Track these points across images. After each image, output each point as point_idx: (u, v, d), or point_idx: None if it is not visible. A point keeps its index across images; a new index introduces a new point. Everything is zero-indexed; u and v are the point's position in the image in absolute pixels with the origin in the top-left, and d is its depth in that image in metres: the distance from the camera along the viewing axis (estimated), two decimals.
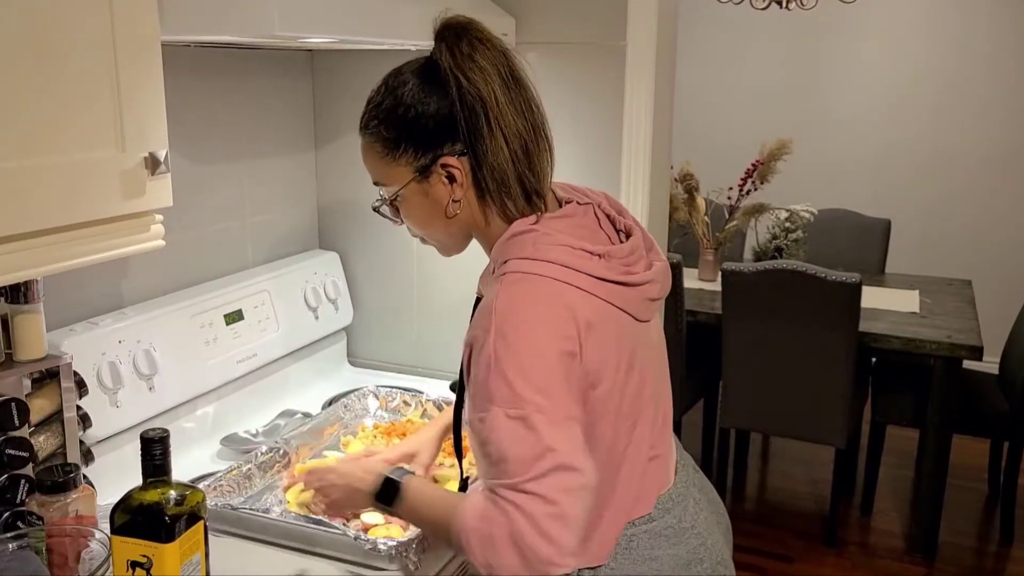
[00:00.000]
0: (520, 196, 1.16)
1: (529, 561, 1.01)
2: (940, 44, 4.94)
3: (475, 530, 1.04)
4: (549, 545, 1.01)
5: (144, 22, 1.06)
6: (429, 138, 1.15)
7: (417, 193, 1.19)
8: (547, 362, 1.06)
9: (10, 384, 1.20)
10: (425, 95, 1.15)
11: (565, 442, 1.05)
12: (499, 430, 1.04)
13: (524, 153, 1.15)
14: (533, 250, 1.13)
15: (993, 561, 3.34)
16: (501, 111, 1.13)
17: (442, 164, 1.16)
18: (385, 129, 1.18)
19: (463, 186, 1.17)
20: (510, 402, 1.04)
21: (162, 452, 1.05)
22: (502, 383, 1.04)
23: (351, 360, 2.23)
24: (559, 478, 1.03)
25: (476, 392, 1.08)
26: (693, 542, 1.22)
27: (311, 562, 1.31)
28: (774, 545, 3.37)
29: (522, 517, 1.01)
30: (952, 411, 3.17)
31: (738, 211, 3.78)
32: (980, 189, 4.98)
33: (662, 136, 1.95)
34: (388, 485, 1.20)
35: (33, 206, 0.96)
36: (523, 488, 1.02)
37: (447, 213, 1.19)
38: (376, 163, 1.21)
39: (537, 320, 1.08)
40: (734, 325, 3.22)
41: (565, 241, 1.14)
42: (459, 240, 1.25)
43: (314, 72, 2.11)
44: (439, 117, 1.14)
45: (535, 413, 1.04)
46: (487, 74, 1.13)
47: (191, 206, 1.79)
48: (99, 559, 1.08)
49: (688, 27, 5.16)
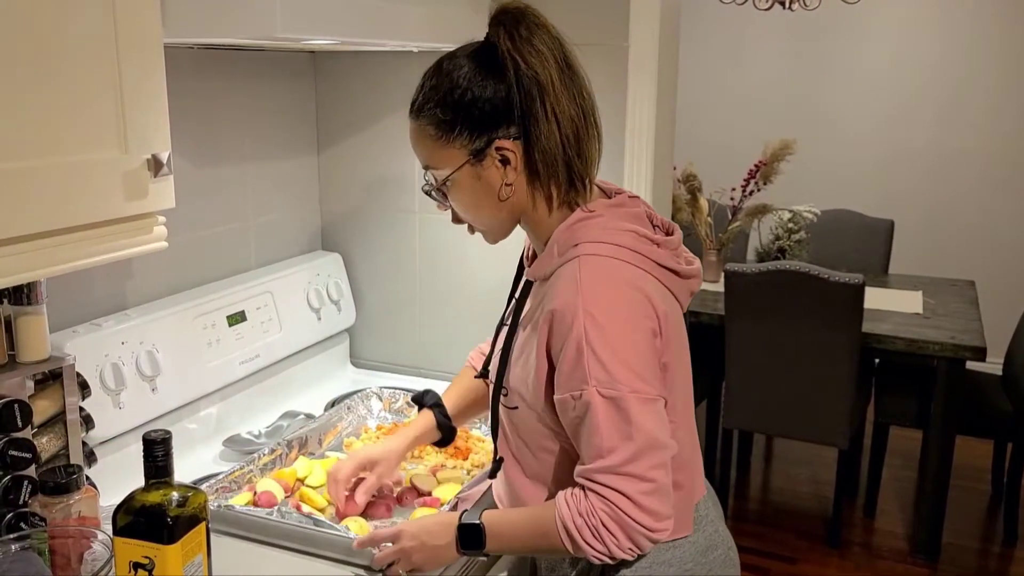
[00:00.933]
0: (565, 181, 1.18)
1: (634, 536, 1.09)
2: (944, 45, 4.94)
3: (581, 526, 1.10)
4: (650, 517, 1.09)
5: (147, 24, 1.07)
6: (484, 121, 1.16)
7: (469, 176, 1.19)
8: (637, 342, 1.11)
9: (13, 385, 1.20)
10: (481, 78, 1.16)
11: (655, 421, 1.11)
12: (594, 409, 1.09)
13: (575, 138, 1.17)
14: (603, 234, 1.16)
15: (997, 562, 3.34)
16: (557, 95, 1.14)
17: (497, 147, 1.17)
18: (441, 111, 1.18)
19: (516, 169, 1.18)
20: (604, 383, 1.09)
21: (164, 453, 1.05)
22: (596, 363, 1.09)
23: (354, 361, 2.24)
24: (651, 456, 1.09)
25: (568, 371, 1.11)
26: (708, 529, 1.27)
27: (313, 563, 1.31)
28: (777, 546, 3.37)
29: (623, 498, 1.08)
30: (955, 412, 3.16)
31: (741, 212, 3.77)
32: (983, 190, 4.97)
33: (665, 137, 1.95)
34: (469, 532, 1.21)
35: (36, 207, 0.96)
36: (620, 470, 1.09)
37: (500, 196, 1.19)
38: (428, 146, 1.21)
39: (623, 300, 1.12)
40: (737, 326, 3.21)
41: (631, 227, 1.18)
42: (507, 225, 1.25)
43: (316, 73, 2.11)
44: (495, 100, 1.15)
45: (629, 394, 1.09)
46: (544, 58, 1.14)
47: (194, 208, 1.79)
48: (101, 560, 1.08)
49: (691, 28, 5.16)
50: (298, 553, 1.33)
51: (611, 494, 1.09)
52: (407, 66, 2.01)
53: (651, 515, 1.09)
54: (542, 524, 1.15)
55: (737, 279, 3.15)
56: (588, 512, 1.10)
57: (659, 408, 1.12)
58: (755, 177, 3.78)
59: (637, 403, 1.09)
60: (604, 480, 1.09)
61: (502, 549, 1.24)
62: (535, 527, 1.17)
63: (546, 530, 1.14)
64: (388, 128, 2.07)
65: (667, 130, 1.97)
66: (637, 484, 1.09)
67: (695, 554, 1.23)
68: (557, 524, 1.12)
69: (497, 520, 1.21)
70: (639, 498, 1.08)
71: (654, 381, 1.12)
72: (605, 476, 1.09)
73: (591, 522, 1.10)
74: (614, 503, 1.09)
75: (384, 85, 2.05)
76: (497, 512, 1.24)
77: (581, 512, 1.10)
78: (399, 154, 2.07)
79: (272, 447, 1.59)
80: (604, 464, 1.09)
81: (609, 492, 1.09)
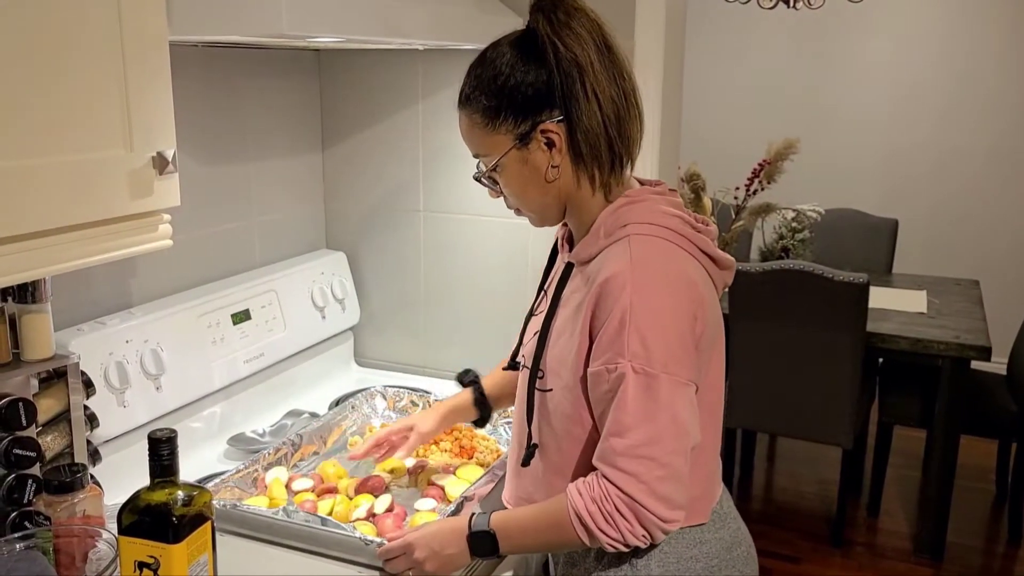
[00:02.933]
0: (608, 162, 1.20)
1: (646, 524, 1.10)
2: (948, 43, 4.93)
3: (595, 513, 1.11)
4: (663, 505, 1.10)
5: (152, 22, 1.06)
6: (528, 105, 1.18)
7: (516, 161, 1.21)
8: (679, 324, 1.12)
9: (17, 384, 1.20)
10: (523, 64, 1.18)
11: (683, 406, 1.12)
12: (625, 384, 1.10)
13: (616, 118, 1.18)
14: (651, 216, 1.18)
15: (1001, 562, 3.33)
16: (596, 76, 1.16)
17: (541, 130, 1.18)
18: (486, 98, 1.20)
19: (561, 152, 1.19)
20: (641, 358, 1.09)
21: (169, 452, 1.04)
22: (636, 338, 1.09)
23: (358, 360, 2.23)
24: (673, 441, 1.10)
25: (607, 342, 1.12)
26: (732, 526, 1.30)
27: (318, 562, 1.31)
28: (781, 546, 3.36)
29: (638, 484, 1.09)
30: (960, 412, 3.16)
31: (745, 211, 3.76)
32: (988, 189, 4.96)
33: (670, 136, 1.95)
34: (481, 539, 1.22)
35: (41, 205, 0.95)
36: (639, 452, 1.09)
37: (547, 178, 1.21)
38: (476, 134, 1.23)
39: (671, 280, 1.14)
40: (741, 325, 3.21)
41: (676, 213, 1.20)
42: (555, 210, 1.26)
43: (321, 72, 2.11)
44: (537, 84, 1.17)
45: (662, 373, 1.10)
46: (583, 40, 1.16)
47: (199, 206, 1.79)
48: (106, 559, 1.07)
49: (695, 26, 5.15)
50: (304, 552, 1.33)
51: (626, 479, 1.09)
52: (412, 64, 2.01)
53: (664, 502, 1.10)
54: (554, 517, 1.16)
55: (741, 278, 3.14)
56: (601, 498, 1.11)
57: (690, 394, 1.13)
58: (759, 176, 3.77)
59: (669, 384, 1.10)
60: (621, 464, 1.10)
61: (516, 549, 1.25)
62: (547, 521, 1.17)
63: (558, 521, 1.15)
64: (393, 126, 2.06)
65: (672, 129, 1.97)
66: (654, 469, 1.09)
67: (720, 550, 1.25)
68: (570, 513, 1.13)
69: (507, 521, 1.22)
70: (655, 484, 1.09)
71: (689, 365, 1.13)
72: (622, 459, 1.10)
73: (604, 508, 1.10)
74: (627, 489, 1.09)
75: (389, 83, 2.04)
76: (505, 513, 1.24)
77: (594, 498, 1.11)
78: (404, 152, 2.07)
79: (277, 446, 1.59)
80: (624, 444, 1.10)
81: (624, 477, 1.09)
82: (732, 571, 1.26)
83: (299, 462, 1.62)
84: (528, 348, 1.30)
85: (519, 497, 1.32)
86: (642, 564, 1.20)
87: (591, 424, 1.19)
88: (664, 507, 1.10)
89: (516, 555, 1.54)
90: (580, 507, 1.12)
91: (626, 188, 1.24)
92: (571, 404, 1.20)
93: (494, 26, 1.34)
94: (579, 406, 1.19)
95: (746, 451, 4.00)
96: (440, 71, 1.99)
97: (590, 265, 1.20)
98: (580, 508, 1.12)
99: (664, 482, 1.10)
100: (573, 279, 1.24)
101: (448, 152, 2.02)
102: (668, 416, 1.10)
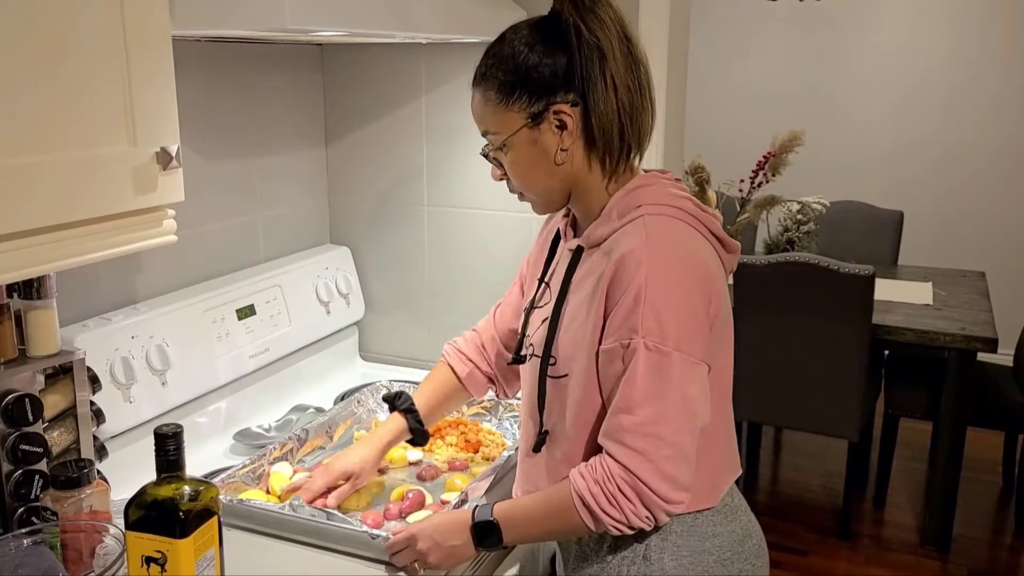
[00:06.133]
0: (618, 149, 1.20)
1: (650, 505, 1.10)
2: (954, 36, 4.91)
3: (598, 494, 1.11)
4: (667, 485, 1.10)
5: (155, 16, 1.06)
6: (543, 85, 1.18)
7: (526, 141, 1.21)
8: (693, 303, 1.13)
9: (24, 380, 1.20)
10: (543, 45, 1.19)
11: (694, 385, 1.12)
12: (636, 360, 1.10)
13: (630, 106, 1.19)
14: (665, 197, 1.20)
15: (1008, 554, 3.33)
16: (616, 64, 1.17)
17: (554, 111, 1.18)
18: (502, 73, 1.20)
19: (572, 135, 1.19)
20: (654, 335, 1.10)
21: (176, 447, 1.04)
22: (651, 315, 1.10)
23: (363, 355, 2.23)
24: (681, 420, 1.11)
25: (620, 319, 1.12)
26: (743, 519, 1.30)
27: (324, 557, 1.31)
28: (787, 538, 3.36)
29: (644, 462, 1.09)
30: (966, 403, 3.15)
31: (750, 204, 3.75)
32: (993, 180, 4.94)
33: (674, 129, 1.94)
34: (484, 529, 1.22)
35: (45, 202, 0.95)
36: (646, 429, 1.10)
37: (555, 161, 1.21)
38: (488, 110, 1.23)
39: (685, 259, 1.15)
40: (746, 318, 3.20)
41: (687, 195, 1.22)
42: (560, 194, 1.26)
43: (324, 66, 2.11)
44: (555, 66, 1.18)
45: (675, 351, 1.10)
46: (606, 26, 1.17)
47: (203, 201, 1.79)
48: (113, 555, 1.08)
49: (699, 20, 5.13)
50: (310, 547, 1.33)
51: (632, 457, 1.10)
52: (416, 58, 2.00)
53: (669, 482, 1.10)
54: (557, 503, 1.16)
55: (746, 271, 3.14)
56: (604, 479, 1.11)
57: (702, 373, 1.14)
58: (764, 169, 3.76)
59: (681, 363, 1.10)
60: (628, 440, 1.10)
61: (521, 538, 1.24)
62: (551, 508, 1.18)
63: (562, 507, 1.15)
64: (397, 120, 2.06)
65: (677, 122, 1.96)
66: (661, 448, 1.09)
67: (733, 543, 1.25)
68: (574, 497, 1.13)
69: (511, 510, 1.22)
70: (661, 463, 1.09)
71: (702, 344, 1.13)
72: (630, 436, 1.10)
73: (607, 489, 1.11)
74: (632, 468, 1.09)
75: (393, 77, 2.04)
76: (509, 502, 1.24)
77: (597, 480, 1.11)
78: (408, 147, 2.07)
79: (283, 440, 1.59)
80: (632, 421, 1.10)
81: (630, 455, 1.10)
82: (744, 564, 1.26)
83: (305, 457, 1.63)
84: (536, 338, 1.29)
85: (528, 488, 1.32)
86: (655, 558, 1.20)
87: (601, 405, 1.19)
88: (669, 487, 1.10)
89: (523, 551, 1.54)
90: (583, 489, 1.12)
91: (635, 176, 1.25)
92: (582, 387, 1.20)
93: (499, 19, 1.34)
94: (591, 388, 1.19)
95: (752, 444, 4.00)
96: (443, 65, 1.98)
97: (603, 245, 1.20)
98: (583, 490, 1.12)
99: (670, 461, 1.10)
100: (584, 263, 1.24)
101: (452, 146, 2.02)
102: (678, 394, 1.10)
